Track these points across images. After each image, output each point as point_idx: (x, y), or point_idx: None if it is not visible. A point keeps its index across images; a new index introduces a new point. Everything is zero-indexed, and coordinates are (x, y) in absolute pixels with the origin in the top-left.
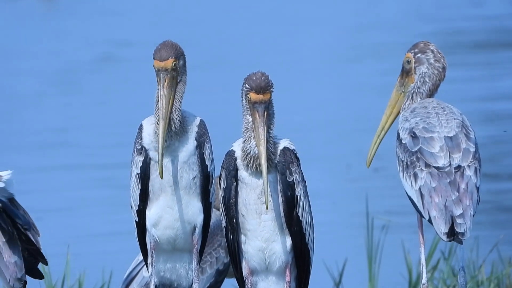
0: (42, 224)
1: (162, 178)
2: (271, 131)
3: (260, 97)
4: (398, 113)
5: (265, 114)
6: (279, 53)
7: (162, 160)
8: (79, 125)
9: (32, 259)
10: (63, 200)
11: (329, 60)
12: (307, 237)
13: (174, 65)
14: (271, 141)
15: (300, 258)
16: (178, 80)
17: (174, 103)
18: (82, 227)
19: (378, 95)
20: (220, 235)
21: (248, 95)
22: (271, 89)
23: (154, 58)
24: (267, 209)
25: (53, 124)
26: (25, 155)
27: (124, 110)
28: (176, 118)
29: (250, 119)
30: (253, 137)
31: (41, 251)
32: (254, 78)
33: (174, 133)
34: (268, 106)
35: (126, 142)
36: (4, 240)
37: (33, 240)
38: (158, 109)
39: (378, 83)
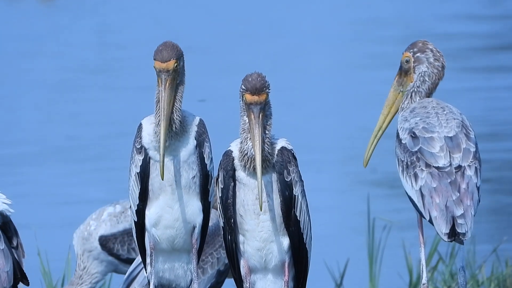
0: (43, 223)
1: (163, 180)
2: (267, 132)
3: (255, 98)
4: (396, 113)
5: (260, 115)
6: (284, 58)
7: (163, 161)
8: (87, 133)
9: (15, 276)
10: (64, 199)
11: (336, 68)
12: (304, 236)
13: (176, 66)
14: (267, 142)
15: (298, 258)
16: (178, 81)
17: (175, 103)
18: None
19: (381, 101)
20: (221, 236)
21: (244, 96)
22: (267, 90)
23: (155, 59)
24: (261, 210)
25: (61, 130)
26: (22, 147)
27: (126, 110)
28: (176, 118)
29: (247, 120)
30: (250, 138)
31: (24, 272)
32: (249, 79)
33: (174, 133)
34: (264, 107)
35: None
36: (1, 248)
37: (18, 260)
38: (158, 109)
39: (382, 90)
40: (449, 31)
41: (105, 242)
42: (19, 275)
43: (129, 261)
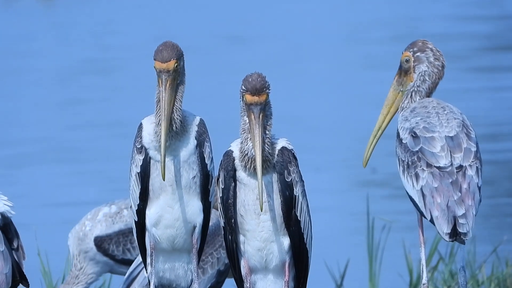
0: (43, 223)
1: (164, 180)
2: (267, 132)
3: (255, 98)
4: (395, 113)
5: (260, 116)
6: (283, 59)
7: (164, 162)
8: (84, 134)
9: (15, 278)
10: (64, 198)
11: (335, 68)
12: (305, 236)
13: (176, 66)
14: (267, 142)
15: (298, 258)
16: (178, 81)
17: (175, 103)
18: None
19: (380, 101)
20: (222, 236)
21: (244, 97)
22: (267, 91)
23: (155, 59)
24: (261, 211)
25: (52, 131)
26: (21, 147)
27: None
28: (177, 118)
29: (247, 120)
30: (250, 138)
31: (24, 273)
32: (250, 80)
33: (175, 133)
34: (264, 108)
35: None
36: (1, 249)
37: (18, 262)
38: (159, 109)
39: (381, 90)
40: (449, 31)
41: (100, 243)
42: (18, 277)
43: (124, 262)
